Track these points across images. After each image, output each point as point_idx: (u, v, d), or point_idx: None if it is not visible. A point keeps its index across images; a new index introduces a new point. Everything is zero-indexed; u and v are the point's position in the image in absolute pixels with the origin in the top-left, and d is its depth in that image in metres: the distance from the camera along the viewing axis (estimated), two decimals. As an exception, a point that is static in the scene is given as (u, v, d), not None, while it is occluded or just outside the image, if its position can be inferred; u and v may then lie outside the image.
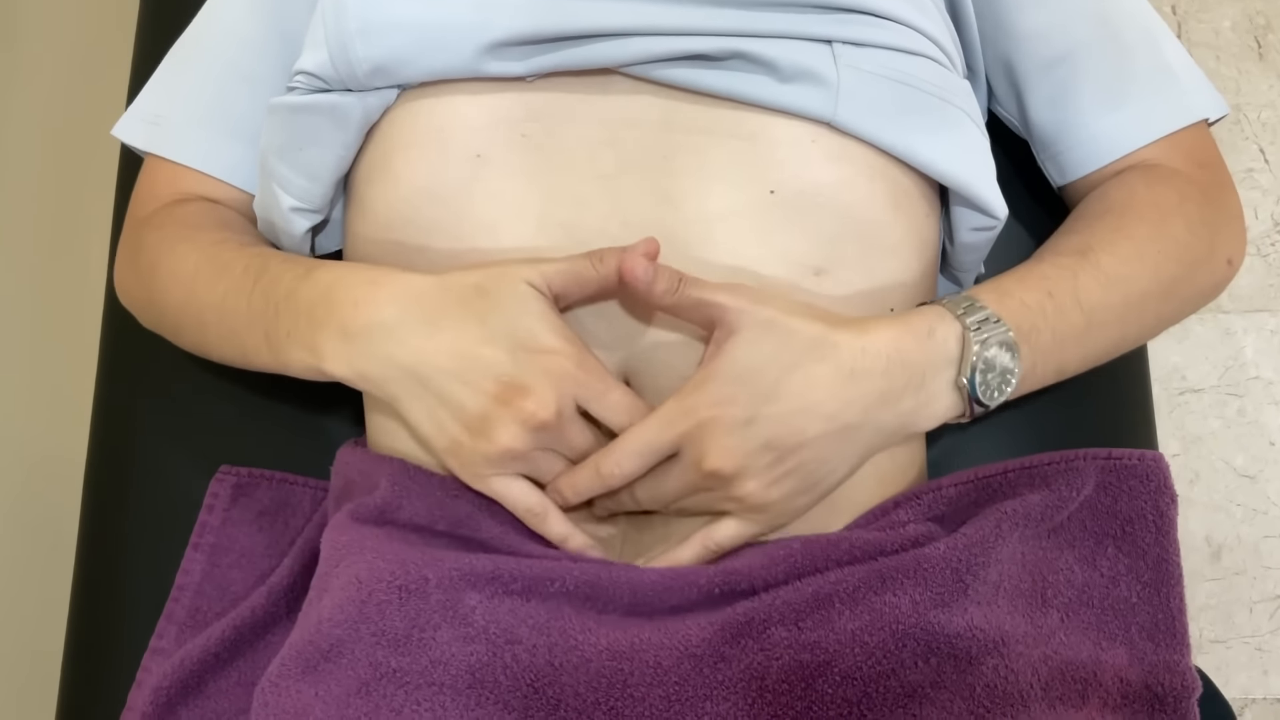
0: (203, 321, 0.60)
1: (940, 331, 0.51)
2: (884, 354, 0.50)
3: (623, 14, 0.53)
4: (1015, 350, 0.52)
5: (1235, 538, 1.18)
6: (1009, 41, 0.62)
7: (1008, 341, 0.52)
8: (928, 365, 0.51)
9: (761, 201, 0.53)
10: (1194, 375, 1.21)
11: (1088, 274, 0.55)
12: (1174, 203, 0.59)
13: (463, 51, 0.53)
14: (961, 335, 0.51)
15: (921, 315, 0.52)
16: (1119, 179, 0.61)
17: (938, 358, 0.51)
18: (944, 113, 0.56)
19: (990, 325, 0.52)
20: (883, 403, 0.50)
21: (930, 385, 0.51)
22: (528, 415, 0.49)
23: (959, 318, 0.52)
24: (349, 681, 0.49)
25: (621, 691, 0.48)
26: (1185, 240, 0.58)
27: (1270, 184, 1.26)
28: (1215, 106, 0.62)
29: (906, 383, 0.50)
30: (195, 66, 0.67)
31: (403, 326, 0.50)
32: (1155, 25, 0.63)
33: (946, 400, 0.52)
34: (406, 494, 0.53)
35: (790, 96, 0.53)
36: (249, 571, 0.64)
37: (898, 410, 0.51)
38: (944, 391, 0.52)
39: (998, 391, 0.52)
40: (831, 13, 0.54)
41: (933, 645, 0.49)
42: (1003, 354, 0.52)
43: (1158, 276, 0.57)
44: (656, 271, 0.49)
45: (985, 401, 0.52)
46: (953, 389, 0.52)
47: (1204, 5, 1.30)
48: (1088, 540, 0.54)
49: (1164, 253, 0.57)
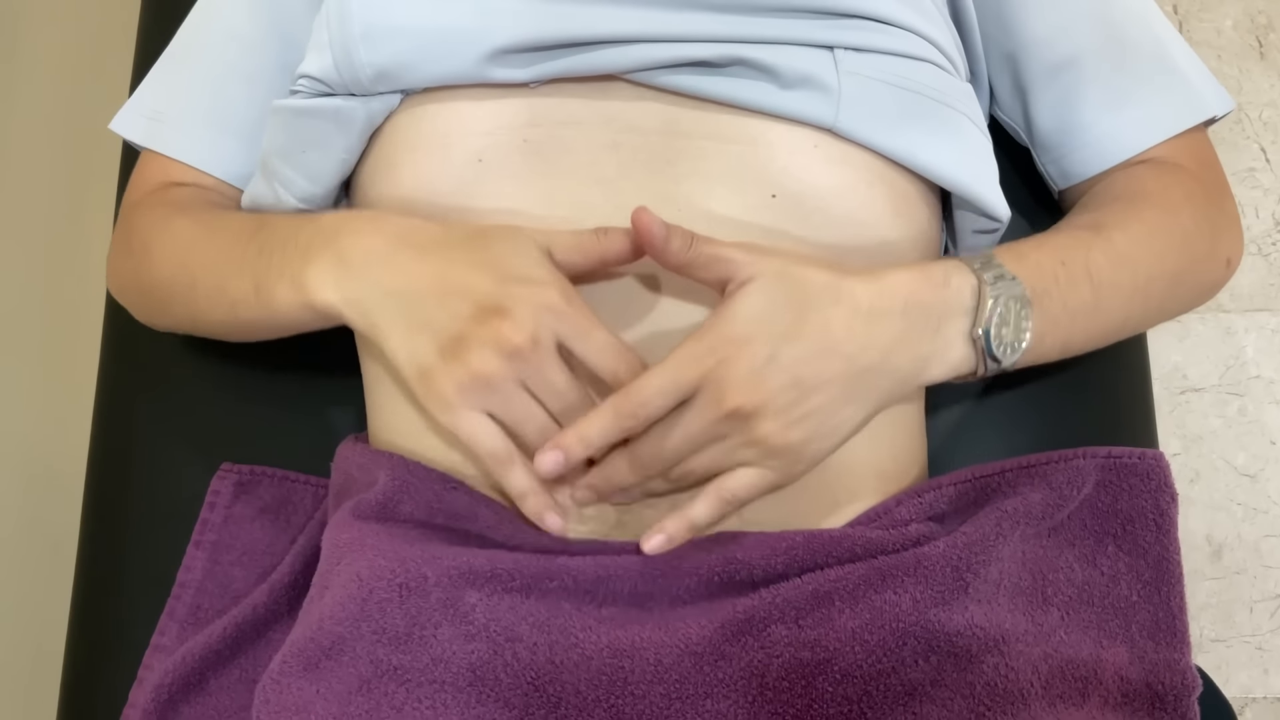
0: (193, 282, 0.60)
1: (955, 281, 0.51)
2: (900, 296, 0.50)
3: (625, 21, 0.53)
4: (1029, 308, 0.52)
5: (1236, 537, 1.18)
6: (1014, 46, 0.62)
7: (1022, 297, 0.51)
8: (944, 311, 0.51)
9: (763, 206, 0.53)
10: (1195, 374, 1.21)
11: (1100, 249, 0.55)
12: (1181, 196, 0.59)
13: (466, 58, 0.53)
14: (977, 288, 0.51)
15: (938, 264, 0.52)
16: (1127, 172, 0.61)
17: (954, 305, 0.51)
18: (946, 117, 0.56)
19: (1006, 281, 0.51)
20: (901, 344, 0.50)
21: (945, 331, 0.51)
22: (503, 338, 0.47)
23: (975, 271, 0.51)
24: (350, 679, 0.49)
25: (622, 689, 0.49)
26: (1192, 232, 0.58)
27: (1271, 183, 1.26)
28: (1221, 103, 0.62)
29: (924, 326, 0.50)
30: (194, 64, 0.67)
31: (396, 253, 0.50)
32: (1160, 24, 0.63)
33: (960, 350, 0.51)
34: (405, 489, 0.53)
35: (792, 103, 0.53)
36: (250, 569, 0.64)
37: (914, 354, 0.50)
38: (958, 340, 0.51)
39: (1011, 349, 0.52)
40: (833, 18, 0.54)
41: (933, 643, 0.49)
42: (1017, 310, 0.51)
43: (1164, 263, 0.57)
44: (670, 229, 0.48)
45: (998, 356, 0.51)
46: (967, 340, 0.51)
47: (1205, 4, 1.30)
48: (1088, 539, 0.54)
49: (1172, 240, 0.57)
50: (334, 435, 0.66)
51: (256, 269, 0.55)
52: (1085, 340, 0.57)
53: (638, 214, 0.48)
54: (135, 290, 0.66)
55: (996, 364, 0.52)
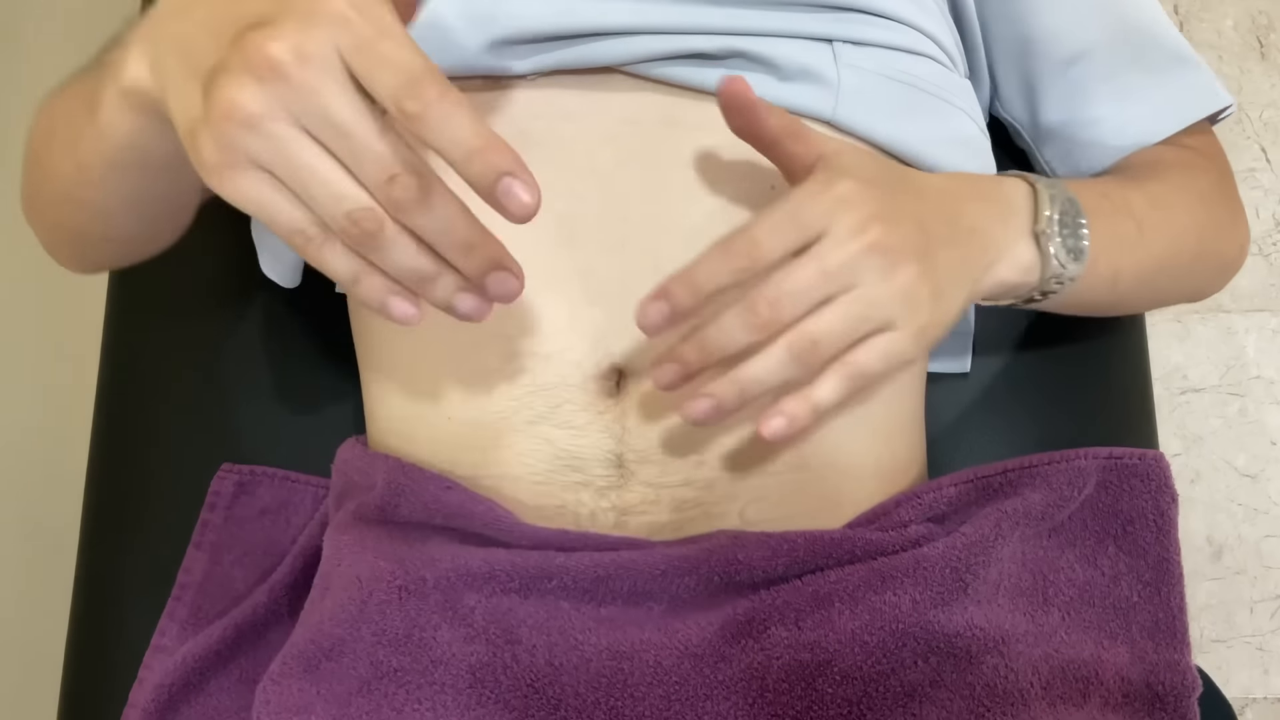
0: (50, 137, 0.52)
1: (1009, 183, 0.51)
2: (968, 184, 0.49)
3: (624, 13, 0.53)
4: (1082, 213, 0.51)
5: (1236, 537, 1.18)
6: (1023, 39, 0.62)
7: (1073, 200, 0.51)
8: (1005, 204, 0.50)
9: (763, 197, 0.53)
10: (1195, 375, 1.21)
11: (1135, 191, 0.56)
12: (1200, 167, 0.61)
13: (466, 49, 0.53)
14: (1030, 192, 0.51)
15: (987, 175, 0.52)
16: (1147, 150, 0.62)
17: (1014, 200, 0.50)
18: (944, 112, 0.56)
19: (1056, 188, 0.51)
20: (982, 219, 0.48)
21: (1011, 224, 0.50)
22: (262, 55, 0.35)
23: (1022, 176, 0.51)
24: (350, 680, 0.49)
25: (621, 691, 0.49)
26: (1211, 194, 0.60)
27: (1272, 183, 1.26)
28: (1224, 96, 0.63)
29: (995, 210, 0.49)
30: None
31: (194, 4, 0.40)
32: (1164, 19, 0.63)
33: (1026, 248, 0.50)
34: (402, 492, 0.53)
35: (790, 95, 0.53)
36: (251, 570, 0.64)
37: (992, 235, 0.48)
38: (1023, 236, 0.50)
39: (1072, 253, 0.50)
40: (832, 11, 0.54)
41: (933, 644, 0.49)
42: (1072, 211, 0.50)
43: (1192, 216, 0.58)
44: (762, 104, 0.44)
45: (1061, 264, 0.50)
46: (1030, 237, 0.50)
47: (1206, 5, 1.30)
48: (1088, 539, 0.54)
49: (1194, 197, 0.59)
50: (334, 435, 0.66)
51: (87, 92, 0.46)
52: (1132, 276, 0.56)
53: (730, 82, 0.43)
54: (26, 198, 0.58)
55: (1060, 266, 0.50)
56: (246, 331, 0.71)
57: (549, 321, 0.52)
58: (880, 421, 0.56)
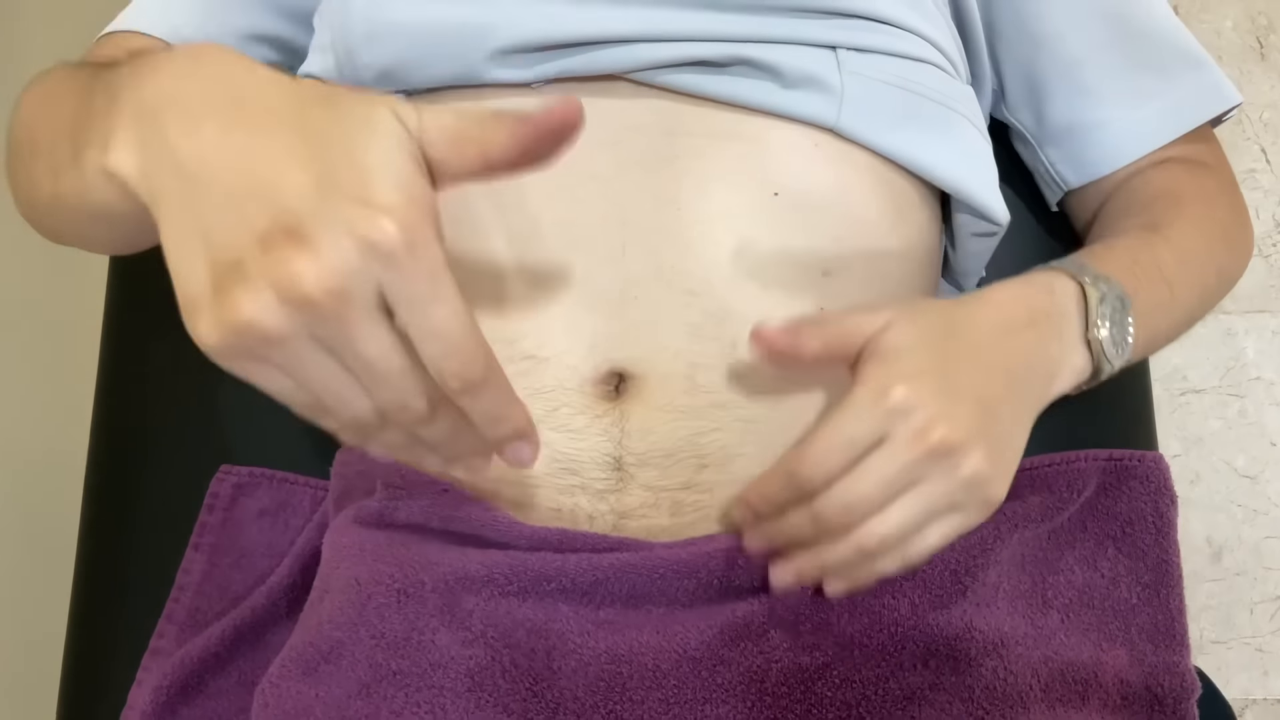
0: (34, 145, 0.48)
1: (1059, 288, 0.51)
2: (1021, 306, 0.49)
3: (627, 21, 0.52)
4: (1129, 306, 0.51)
5: (1236, 538, 1.18)
6: (1031, 44, 0.62)
7: (1123, 296, 0.51)
8: (1060, 315, 0.50)
9: (766, 203, 0.53)
10: (1195, 376, 1.21)
11: (1163, 247, 0.56)
12: (1215, 189, 0.60)
13: (469, 59, 0.53)
14: (1080, 293, 0.51)
15: (1037, 274, 0.51)
16: (1159, 169, 0.62)
17: (1067, 310, 0.50)
18: (946, 119, 0.56)
19: (1103, 281, 0.51)
20: (1038, 351, 0.49)
21: (1066, 335, 0.50)
22: (289, 278, 0.32)
23: (1073, 275, 0.51)
24: (349, 683, 0.49)
25: (620, 694, 0.48)
26: (1230, 224, 0.60)
27: (1271, 184, 1.26)
28: (1233, 95, 0.63)
29: (1049, 330, 0.50)
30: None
31: (204, 109, 0.36)
32: (1172, 19, 0.63)
33: (1081, 354, 0.51)
34: (400, 496, 0.53)
35: (794, 102, 0.53)
36: (249, 571, 0.64)
37: (1049, 358, 0.49)
38: (1077, 344, 0.51)
39: (1120, 348, 0.51)
40: (835, 18, 0.54)
41: (931, 647, 0.49)
42: (1120, 308, 0.51)
43: (1214, 256, 0.59)
44: (794, 330, 0.46)
45: (1112, 357, 0.51)
46: (1083, 343, 0.51)
47: (1205, 5, 1.30)
48: (1088, 541, 0.54)
49: (1216, 234, 0.59)
50: (332, 438, 0.66)
51: (79, 121, 0.42)
52: (1165, 338, 0.58)
53: (756, 333, 0.46)
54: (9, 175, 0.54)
55: (1110, 365, 0.51)
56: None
57: (547, 326, 0.52)
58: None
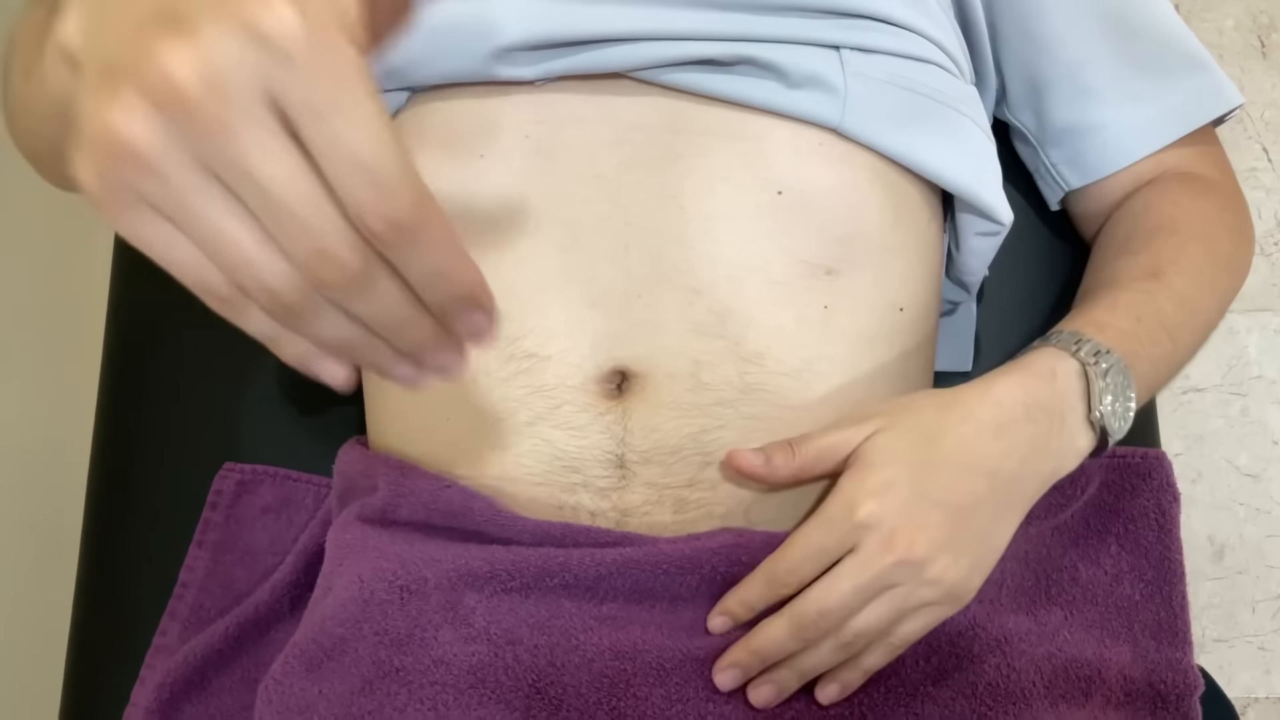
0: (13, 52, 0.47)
1: (1061, 371, 0.51)
2: (1019, 402, 0.49)
3: (632, 19, 0.53)
4: (1130, 378, 0.51)
5: (1238, 537, 1.18)
6: (1032, 45, 0.62)
7: (1124, 370, 0.51)
8: (1062, 404, 0.50)
9: (769, 202, 0.53)
10: (1197, 374, 1.21)
11: (1164, 296, 0.55)
12: (1216, 214, 0.60)
13: (473, 55, 0.53)
14: (1082, 371, 0.51)
15: (1038, 358, 0.51)
16: (1161, 193, 0.61)
17: (1068, 396, 0.50)
18: (950, 119, 0.56)
19: (1105, 356, 0.51)
20: (1034, 448, 0.49)
21: (1069, 423, 0.50)
22: (161, 73, 0.26)
23: (1075, 355, 0.51)
24: (352, 679, 0.49)
25: (624, 691, 0.48)
26: (1233, 255, 0.60)
27: (1273, 183, 1.26)
28: (1237, 94, 0.63)
29: (1049, 424, 0.50)
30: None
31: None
32: (1176, 20, 0.63)
33: (1084, 437, 0.51)
34: (402, 493, 0.53)
35: (798, 102, 0.53)
36: (252, 568, 0.64)
37: (1048, 453, 0.50)
38: (1080, 428, 0.51)
39: (1123, 420, 0.51)
40: (839, 18, 0.54)
41: (934, 644, 0.49)
42: (1122, 383, 0.51)
43: (1217, 293, 0.58)
44: (767, 453, 0.48)
45: (1116, 431, 0.51)
46: (1086, 424, 0.51)
47: (1207, 4, 1.30)
48: (1091, 538, 0.54)
49: (1220, 269, 0.59)
50: (335, 435, 0.66)
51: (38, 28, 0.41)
52: (1165, 383, 0.58)
53: (731, 457, 0.49)
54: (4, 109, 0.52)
55: (1115, 437, 0.52)
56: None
57: (549, 324, 0.52)
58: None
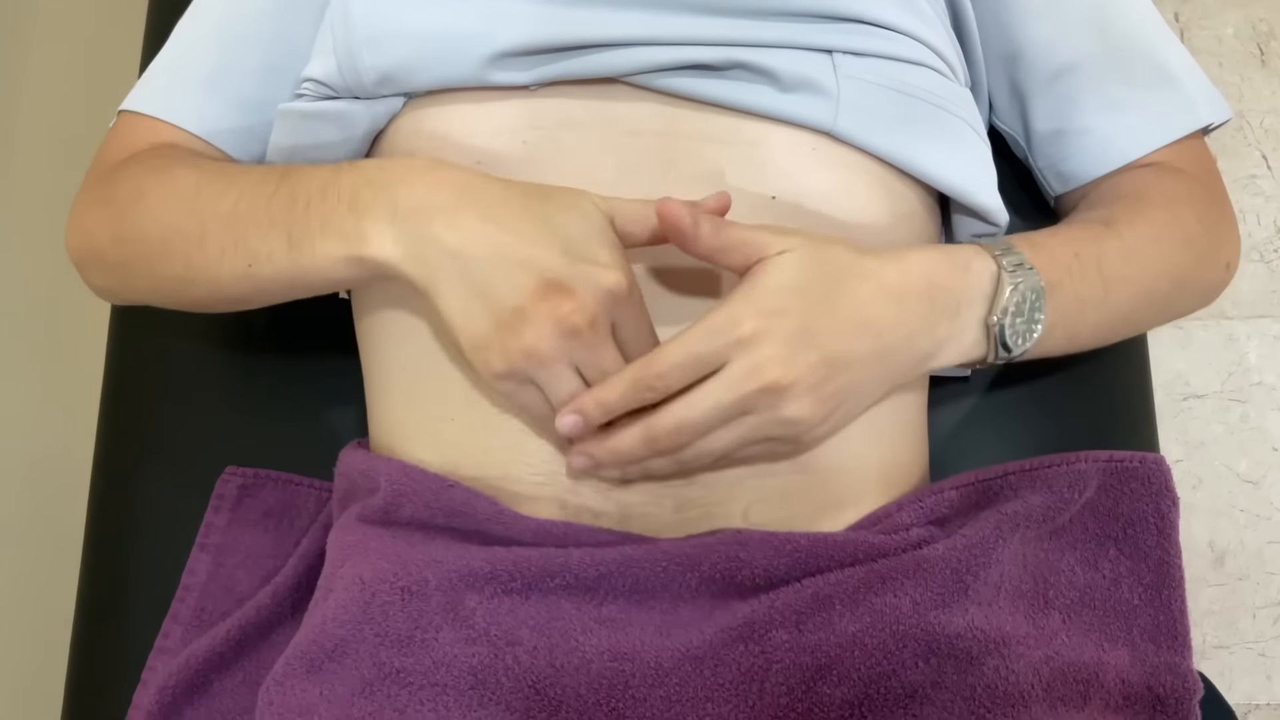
0: (203, 234, 0.54)
1: (977, 266, 0.51)
2: (925, 277, 0.50)
3: (626, 24, 0.53)
4: (1044, 299, 0.52)
5: (1238, 543, 1.18)
6: (1012, 51, 0.62)
7: (1038, 288, 0.52)
8: (963, 295, 0.51)
9: (763, 208, 0.53)
10: (1197, 381, 1.21)
11: (1111, 243, 0.55)
12: (1184, 197, 0.59)
13: (468, 61, 0.53)
14: (996, 274, 0.51)
15: (961, 249, 0.52)
16: (1131, 174, 0.61)
17: (974, 290, 0.51)
18: (944, 122, 0.56)
19: (1024, 270, 0.51)
20: (923, 326, 0.50)
21: (963, 316, 0.51)
22: (563, 316, 0.46)
23: (995, 257, 0.52)
24: (353, 681, 0.49)
25: (623, 693, 0.49)
26: (1195, 230, 0.59)
27: (1273, 190, 1.26)
28: (1218, 111, 0.62)
29: (944, 309, 0.50)
30: (189, 31, 0.64)
31: (457, 210, 0.48)
32: (1159, 31, 0.63)
33: (973, 336, 0.51)
34: (404, 493, 0.53)
35: (791, 106, 0.53)
36: (254, 572, 0.65)
37: (934, 336, 0.50)
38: (973, 326, 0.51)
39: (1023, 338, 0.52)
40: (832, 22, 0.54)
41: (933, 646, 0.49)
42: (1033, 300, 0.51)
43: (1170, 261, 0.57)
44: (697, 215, 0.48)
45: (1010, 345, 0.51)
46: (981, 326, 0.51)
47: (1206, 12, 1.30)
48: (1089, 542, 0.54)
49: (1177, 240, 0.58)
50: (337, 438, 0.66)
51: (290, 220, 0.51)
52: (1091, 335, 0.57)
53: (662, 204, 0.48)
54: (111, 241, 0.59)
55: (1007, 353, 0.52)
56: (251, 334, 0.71)
57: None
58: (883, 425, 0.56)
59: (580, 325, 0.47)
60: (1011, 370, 0.68)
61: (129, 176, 0.59)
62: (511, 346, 0.47)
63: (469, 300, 0.48)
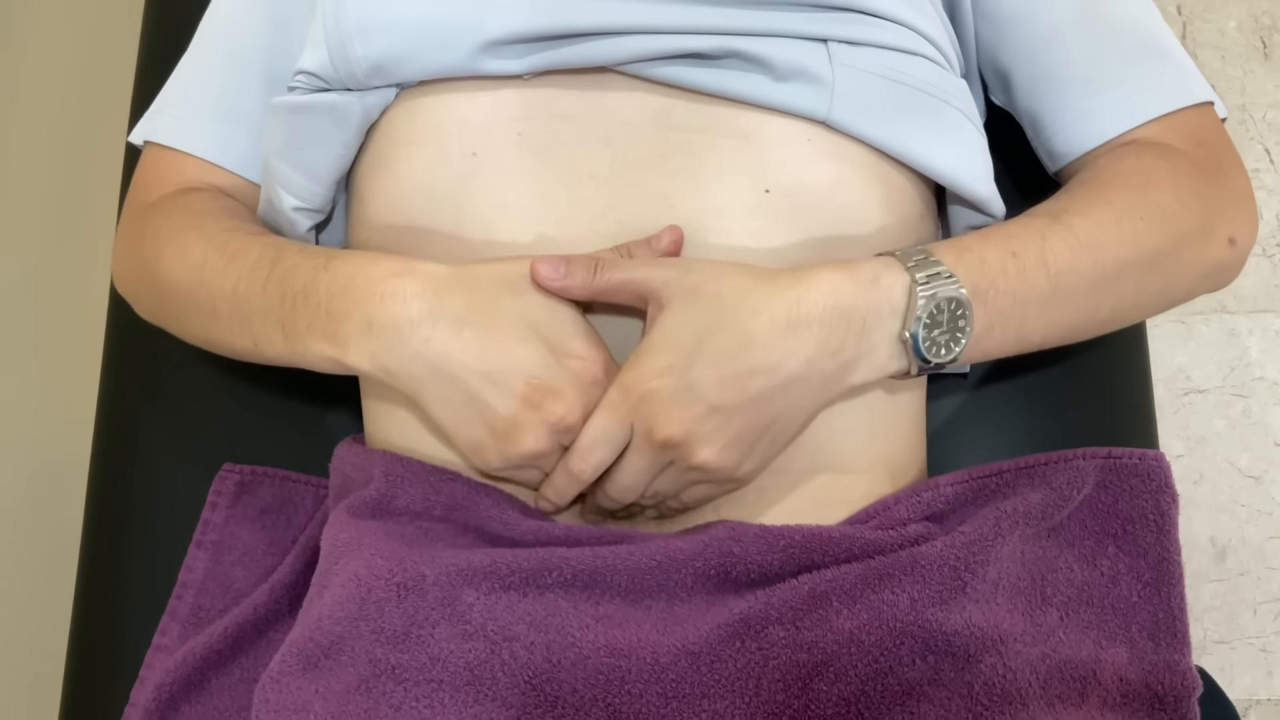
0: (214, 310, 0.58)
1: (885, 280, 0.50)
2: (820, 302, 0.49)
3: (619, 13, 0.53)
4: (967, 307, 0.50)
5: (1240, 539, 1.17)
6: (993, 27, 0.61)
7: (958, 298, 0.50)
8: (869, 313, 0.49)
9: (758, 200, 0.53)
10: (1198, 376, 1.21)
11: (1057, 236, 0.53)
12: (1163, 172, 0.56)
13: (460, 50, 0.53)
14: (909, 287, 0.50)
15: (868, 263, 0.51)
16: (1109, 154, 0.59)
17: (881, 306, 0.49)
18: (940, 112, 0.56)
19: (941, 280, 0.50)
20: (822, 351, 0.49)
21: (872, 334, 0.50)
22: (556, 419, 0.49)
23: (908, 269, 0.50)
24: (349, 678, 0.49)
25: (619, 689, 0.49)
26: (1172, 209, 0.55)
27: (1276, 184, 1.26)
28: (1206, 91, 0.60)
29: (846, 331, 0.49)
30: (196, 57, 0.66)
31: (430, 323, 0.50)
32: (1146, 11, 0.61)
33: (888, 351, 0.50)
34: (400, 483, 0.53)
35: (785, 95, 0.53)
36: (251, 569, 0.65)
37: (839, 359, 0.49)
38: (886, 342, 0.50)
39: (945, 349, 0.50)
40: (827, 11, 0.54)
41: (931, 643, 0.49)
42: (951, 309, 0.50)
43: (1138, 244, 0.54)
44: (566, 266, 0.50)
45: (930, 358, 0.50)
46: (895, 341, 0.50)
47: (1209, 5, 1.30)
48: (1088, 539, 0.54)
49: (1146, 220, 0.54)
50: (334, 435, 0.66)
51: (282, 316, 0.54)
52: (1049, 332, 0.54)
53: (533, 266, 0.50)
54: (147, 292, 0.64)
55: (928, 364, 0.51)
56: (248, 331, 0.71)
57: None
58: (881, 420, 0.56)
59: (574, 423, 0.50)
60: (1010, 365, 0.68)
61: (153, 233, 0.62)
62: (510, 452, 0.50)
63: (459, 409, 0.50)
